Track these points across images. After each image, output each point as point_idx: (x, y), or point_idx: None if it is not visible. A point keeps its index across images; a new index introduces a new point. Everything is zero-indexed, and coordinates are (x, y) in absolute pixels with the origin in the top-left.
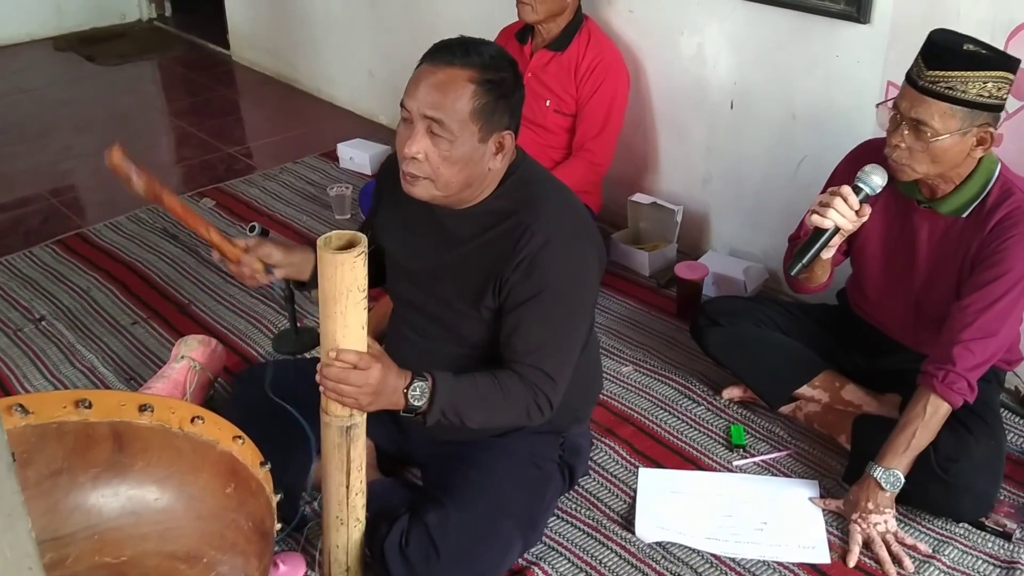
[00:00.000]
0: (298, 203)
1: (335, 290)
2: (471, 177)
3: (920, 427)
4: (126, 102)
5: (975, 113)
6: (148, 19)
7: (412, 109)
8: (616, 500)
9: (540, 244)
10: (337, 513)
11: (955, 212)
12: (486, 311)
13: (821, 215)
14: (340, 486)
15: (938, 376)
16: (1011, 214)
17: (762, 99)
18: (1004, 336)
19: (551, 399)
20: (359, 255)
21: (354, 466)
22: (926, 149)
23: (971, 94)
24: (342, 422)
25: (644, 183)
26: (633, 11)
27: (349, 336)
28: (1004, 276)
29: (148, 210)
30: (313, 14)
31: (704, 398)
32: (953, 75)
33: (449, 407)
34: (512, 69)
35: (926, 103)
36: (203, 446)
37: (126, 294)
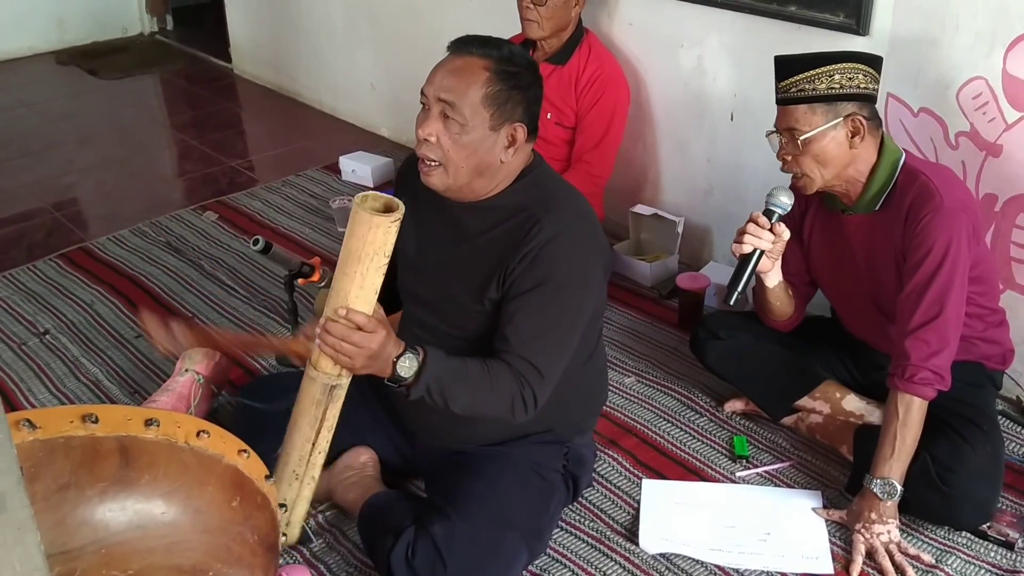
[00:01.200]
0: (301, 216)
1: (362, 250)
2: (481, 165)
3: (899, 428)
4: (128, 116)
5: (836, 105)
6: (150, 33)
7: (428, 94)
8: (620, 511)
9: (548, 238)
10: (295, 467)
11: (868, 207)
12: (489, 303)
13: (739, 242)
14: (307, 442)
15: (897, 373)
16: (919, 196)
17: (762, 111)
18: (951, 315)
19: (537, 395)
20: (396, 220)
21: (326, 426)
22: (805, 151)
23: (821, 89)
24: (328, 379)
25: (645, 194)
26: (633, 24)
27: (362, 298)
28: (927, 257)
29: (152, 223)
30: (314, 27)
31: (707, 409)
32: (798, 78)
33: (435, 383)
34: (531, 67)
35: (788, 111)
36: (209, 460)
37: (130, 307)
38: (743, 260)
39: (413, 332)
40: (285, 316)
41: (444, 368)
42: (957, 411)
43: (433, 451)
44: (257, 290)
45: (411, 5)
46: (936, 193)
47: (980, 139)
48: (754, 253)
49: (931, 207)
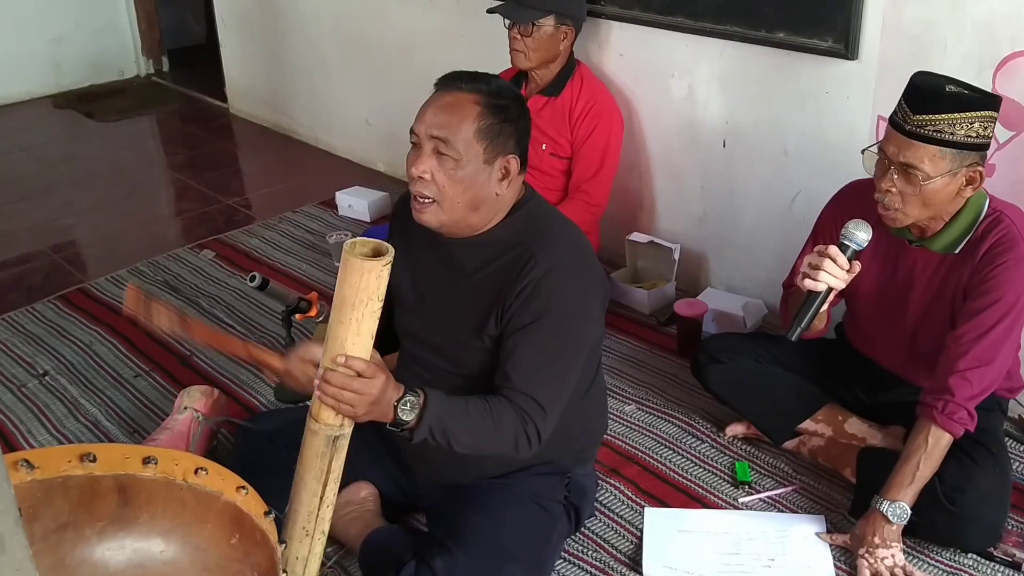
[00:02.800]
0: (297, 252)
1: (355, 297)
2: (476, 199)
3: (923, 459)
4: (125, 157)
5: (964, 154)
6: (146, 75)
7: (420, 132)
8: (622, 541)
9: (544, 271)
10: (304, 524)
11: (948, 248)
12: (488, 339)
13: (813, 278)
14: (314, 496)
15: (937, 407)
16: (1000, 241)
17: (754, 137)
18: (1001, 363)
19: (540, 430)
20: (387, 264)
21: (332, 477)
22: (917, 193)
23: (959, 135)
24: (331, 431)
25: (641, 222)
26: (624, 55)
27: (359, 344)
28: (997, 303)
29: (149, 263)
30: (308, 65)
31: (708, 435)
32: (940, 118)
33: (437, 425)
34: (518, 100)
35: (915, 147)
36: (207, 497)
37: (128, 347)
38: (811, 296)
39: (412, 370)
40: (283, 352)
41: (445, 409)
42: (967, 434)
43: (433, 485)
44: (255, 327)
45: (404, 41)
46: (1021, 241)
47: None
48: (824, 290)
49: (1013, 256)
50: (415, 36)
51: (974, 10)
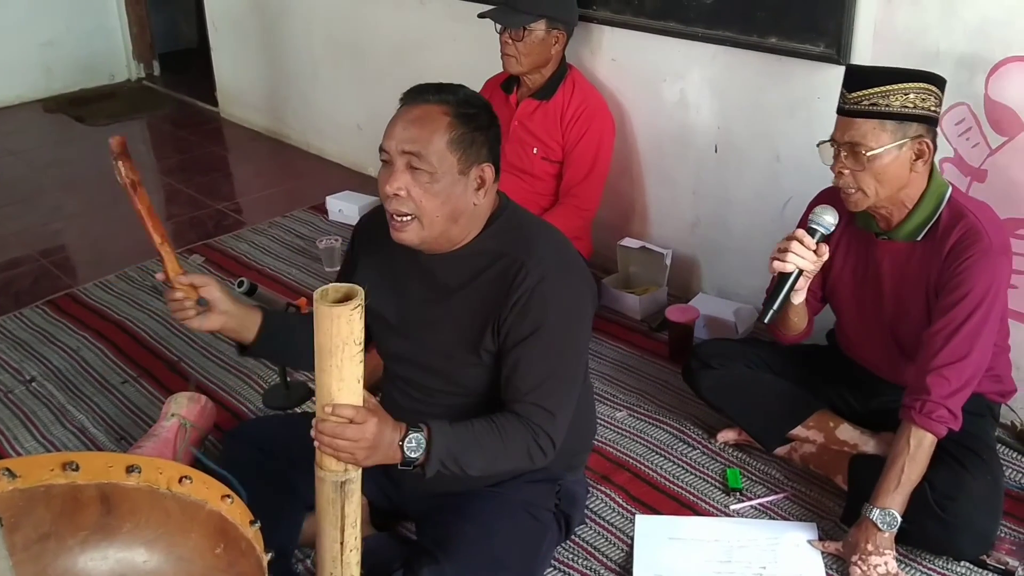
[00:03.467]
0: (287, 257)
1: (331, 343)
2: (455, 211)
3: (907, 461)
4: None
5: (905, 125)
6: (137, 79)
7: (390, 148)
8: (613, 549)
9: (536, 281)
10: (331, 570)
11: (910, 236)
12: (486, 355)
13: (781, 259)
14: (334, 543)
15: (915, 407)
16: (964, 236)
17: (746, 142)
18: (977, 358)
19: (553, 437)
20: (355, 308)
21: (348, 522)
22: (867, 168)
23: (895, 106)
24: (337, 477)
25: (633, 228)
26: (616, 60)
27: (345, 390)
28: (966, 298)
29: (138, 268)
30: (300, 70)
31: (699, 442)
32: (873, 91)
33: (448, 456)
34: (487, 108)
35: (855, 124)
36: (191, 506)
37: (116, 353)
38: (781, 279)
39: (404, 392)
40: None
41: (452, 438)
42: (957, 439)
43: (421, 494)
44: None
45: (396, 46)
46: (984, 235)
47: (965, 165)
48: (793, 272)
49: (978, 249)
50: (407, 41)
51: (966, 15)
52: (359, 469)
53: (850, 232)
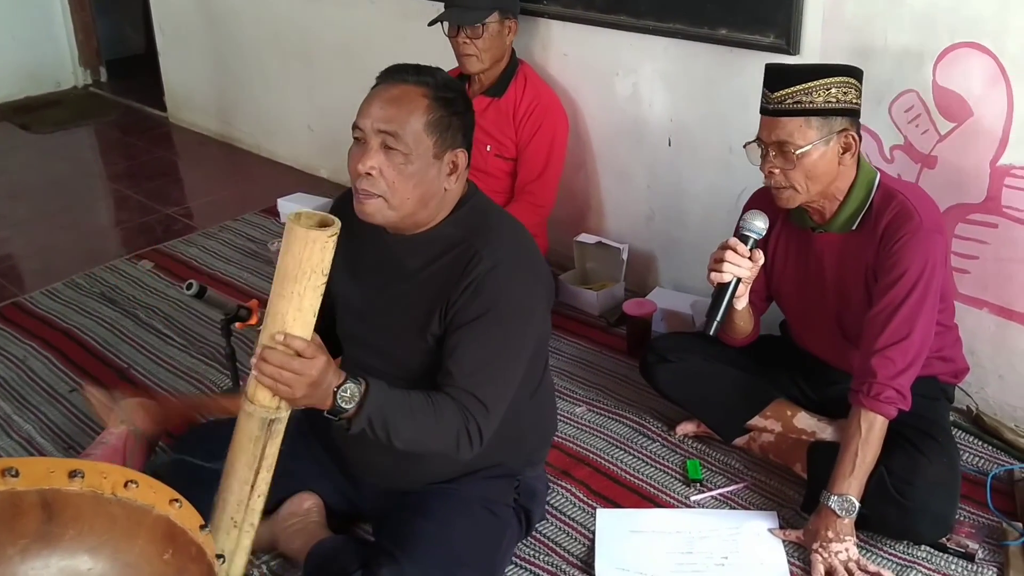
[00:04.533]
0: (238, 260)
1: (298, 269)
2: (426, 195)
3: (860, 445)
4: (62, 168)
5: (830, 120)
6: (83, 86)
7: (365, 127)
8: (574, 543)
9: (488, 268)
10: (233, 514)
11: (845, 226)
12: (431, 338)
13: (718, 270)
14: (245, 484)
15: (863, 390)
16: (896, 217)
17: (699, 135)
18: (920, 337)
19: (482, 429)
20: (332, 235)
21: (265, 464)
22: (796, 166)
23: (819, 102)
24: (267, 413)
25: (589, 223)
26: (568, 55)
27: (300, 320)
28: (902, 278)
29: (86, 275)
30: (249, 73)
31: (659, 434)
32: (796, 89)
33: (377, 416)
34: (463, 94)
35: (780, 123)
36: (138, 511)
37: (64, 361)
38: (720, 289)
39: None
40: (223, 362)
41: (387, 399)
42: (912, 424)
43: (379, 493)
44: (194, 338)
45: (345, 45)
46: (915, 214)
47: (915, 151)
48: (732, 281)
49: (909, 228)
50: (356, 39)
51: (913, 2)
52: (288, 410)
53: (787, 230)
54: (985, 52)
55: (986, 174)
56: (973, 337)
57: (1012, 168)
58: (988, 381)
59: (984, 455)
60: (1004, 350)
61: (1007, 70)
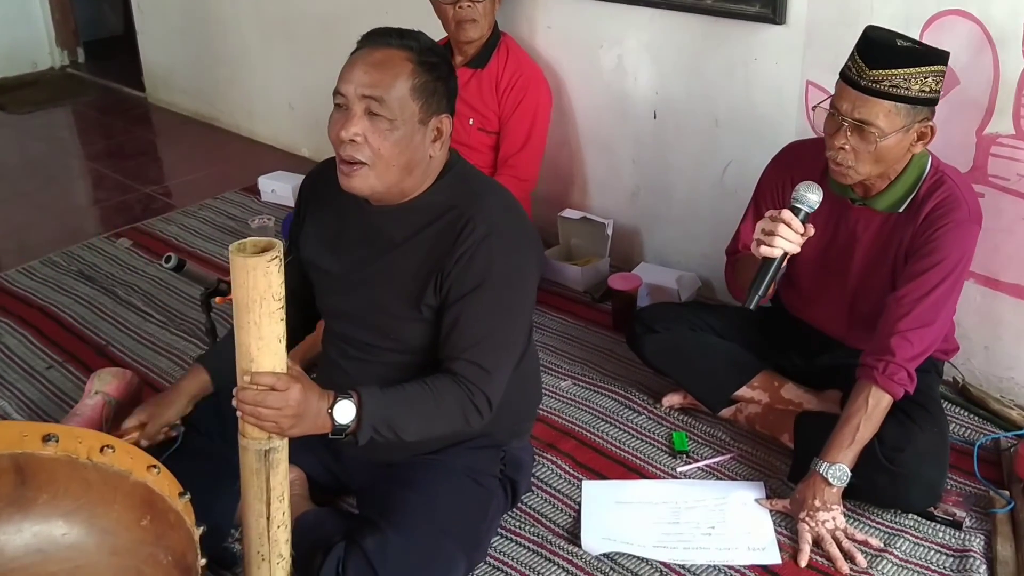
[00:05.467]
0: (219, 238)
1: (247, 298)
2: (411, 162)
3: (863, 420)
4: (38, 149)
5: (917, 109)
6: (61, 66)
7: (348, 92)
8: (560, 515)
9: (482, 236)
10: (258, 548)
11: (891, 208)
12: (427, 310)
13: (769, 244)
14: (260, 517)
15: (878, 367)
16: (943, 203)
17: (684, 107)
18: (941, 325)
19: (489, 397)
20: (272, 259)
21: (274, 495)
22: (872, 150)
23: (914, 90)
24: (259, 445)
25: (573, 199)
26: (552, 27)
27: (264, 350)
28: (938, 265)
29: (63, 253)
30: (229, 51)
31: (644, 407)
32: (897, 73)
33: (380, 422)
34: (446, 59)
35: (870, 103)
36: (114, 476)
37: (40, 338)
38: (767, 263)
39: (344, 351)
40: (203, 338)
41: (384, 403)
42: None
43: (363, 465)
44: (174, 314)
45: (326, 23)
46: (963, 204)
47: None
48: (780, 256)
49: (956, 217)
50: (337, 15)
51: None
52: (283, 439)
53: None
54: (971, 19)
55: (972, 143)
56: (959, 308)
57: (998, 137)
58: (974, 352)
59: (971, 425)
60: (990, 321)
61: (993, 37)
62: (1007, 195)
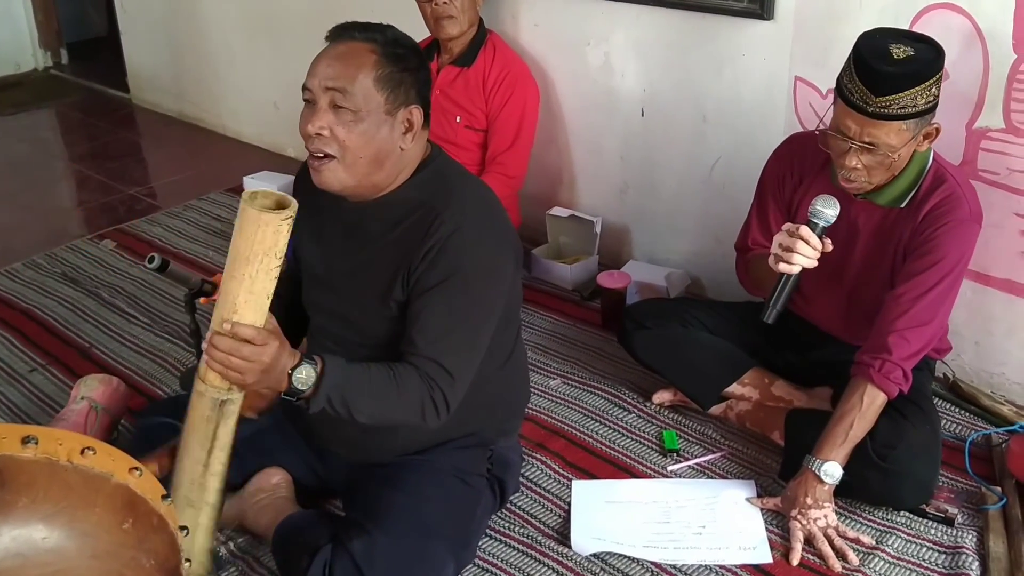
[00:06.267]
0: (204, 239)
1: (250, 251)
2: (380, 154)
3: (857, 418)
4: (21, 150)
5: (925, 118)
6: (44, 68)
7: (313, 86)
8: (550, 515)
9: (450, 231)
10: (187, 493)
11: (893, 203)
12: (395, 305)
13: (788, 261)
14: (197, 463)
15: (875, 366)
16: (943, 202)
17: (672, 104)
18: (938, 324)
19: (448, 398)
20: (287, 219)
21: (218, 444)
22: (886, 166)
23: (921, 105)
24: (218, 394)
25: (561, 197)
26: (539, 25)
27: (251, 303)
28: (937, 264)
29: (46, 255)
30: (213, 51)
31: (634, 406)
32: (903, 95)
33: (336, 394)
34: (416, 50)
35: (879, 126)
36: (95, 479)
37: (23, 341)
38: (785, 278)
39: (323, 345)
40: (188, 340)
41: (344, 376)
42: None
43: (349, 466)
44: (158, 316)
45: (310, 20)
46: (964, 203)
47: None
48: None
49: (957, 216)
50: (322, 11)
51: None
52: (242, 392)
53: (821, 188)
54: (961, 12)
55: (962, 138)
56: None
57: (988, 131)
58: (964, 348)
59: (962, 422)
60: (980, 316)
61: (983, 30)
62: (997, 190)
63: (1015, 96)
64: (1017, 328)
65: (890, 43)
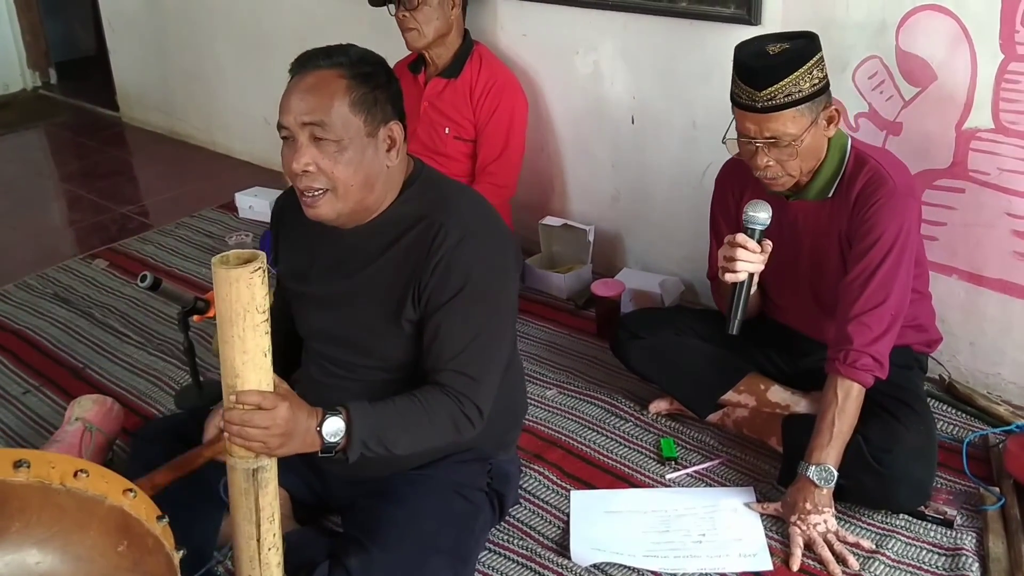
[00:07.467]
0: (196, 256)
1: (231, 311)
2: (369, 177)
3: (836, 413)
4: (11, 171)
5: (816, 101)
6: (32, 88)
7: (289, 123)
8: (549, 526)
9: (455, 242)
10: (249, 572)
11: (821, 194)
12: (408, 324)
13: (732, 270)
14: (250, 539)
15: (839, 358)
16: (869, 182)
17: (662, 111)
18: (895, 303)
19: (479, 406)
20: (255, 271)
21: (264, 515)
22: (793, 155)
23: (806, 89)
24: (248, 464)
25: (553, 206)
26: (527, 35)
27: (250, 364)
28: (877, 243)
29: (38, 276)
30: (203, 67)
31: (631, 414)
32: (785, 83)
33: (371, 437)
34: (383, 65)
35: (773, 119)
36: (89, 502)
37: (16, 363)
38: (736, 286)
39: (325, 369)
40: (182, 358)
41: (373, 419)
42: (889, 393)
43: (346, 483)
44: (152, 335)
45: (300, 32)
46: (889, 178)
47: (880, 118)
48: (746, 277)
49: (883, 193)
50: (311, 26)
51: None
52: (272, 458)
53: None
54: (947, 14)
55: (952, 138)
56: (943, 304)
57: (977, 131)
58: (959, 349)
59: (958, 423)
60: (974, 316)
61: (970, 31)
62: (988, 189)
63: (1004, 96)
64: (1012, 328)
65: (766, 44)
